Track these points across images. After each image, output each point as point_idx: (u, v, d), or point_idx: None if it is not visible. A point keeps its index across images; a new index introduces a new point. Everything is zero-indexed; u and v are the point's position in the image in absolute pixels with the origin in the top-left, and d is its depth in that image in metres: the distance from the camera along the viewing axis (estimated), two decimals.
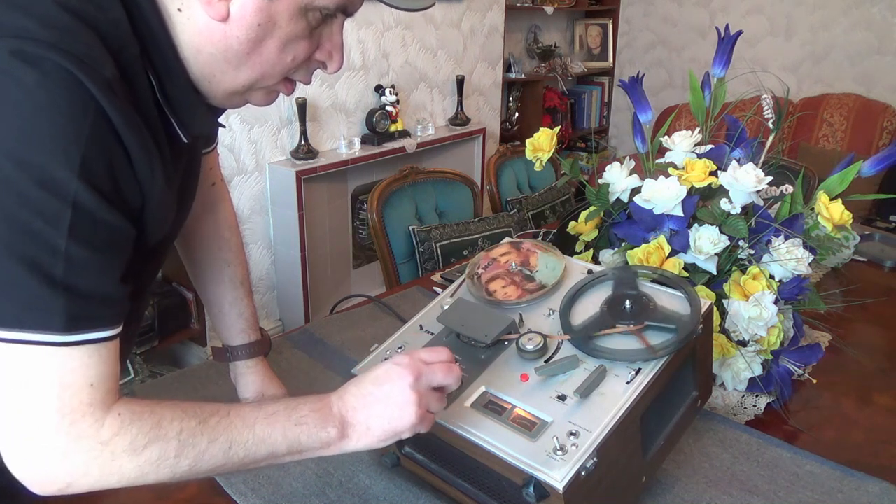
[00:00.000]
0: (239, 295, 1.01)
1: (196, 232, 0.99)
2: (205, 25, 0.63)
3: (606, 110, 4.76)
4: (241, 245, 1.04)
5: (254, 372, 1.02)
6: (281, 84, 0.70)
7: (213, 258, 1.01)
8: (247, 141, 2.60)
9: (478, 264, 0.98)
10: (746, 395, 1.11)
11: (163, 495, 0.89)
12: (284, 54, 0.66)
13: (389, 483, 0.90)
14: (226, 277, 1.01)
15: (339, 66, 0.71)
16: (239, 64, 0.65)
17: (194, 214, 0.96)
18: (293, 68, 0.68)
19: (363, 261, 3.18)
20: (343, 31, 0.71)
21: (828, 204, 1.10)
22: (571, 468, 0.69)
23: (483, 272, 0.97)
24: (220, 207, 1.02)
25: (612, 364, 0.79)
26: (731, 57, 1.26)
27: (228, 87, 0.67)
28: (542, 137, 1.21)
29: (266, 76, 0.67)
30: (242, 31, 0.63)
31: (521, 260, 0.97)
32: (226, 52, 0.64)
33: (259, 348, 1.03)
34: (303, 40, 0.66)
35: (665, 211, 1.09)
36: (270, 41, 0.64)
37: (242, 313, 1.01)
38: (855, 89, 3.71)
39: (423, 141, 3.10)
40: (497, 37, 3.61)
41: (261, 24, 0.63)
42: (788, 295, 1.10)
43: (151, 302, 2.35)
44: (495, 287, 0.93)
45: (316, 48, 0.69)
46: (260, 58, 0.65)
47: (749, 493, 0.90)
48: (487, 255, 0.99)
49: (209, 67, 0.65)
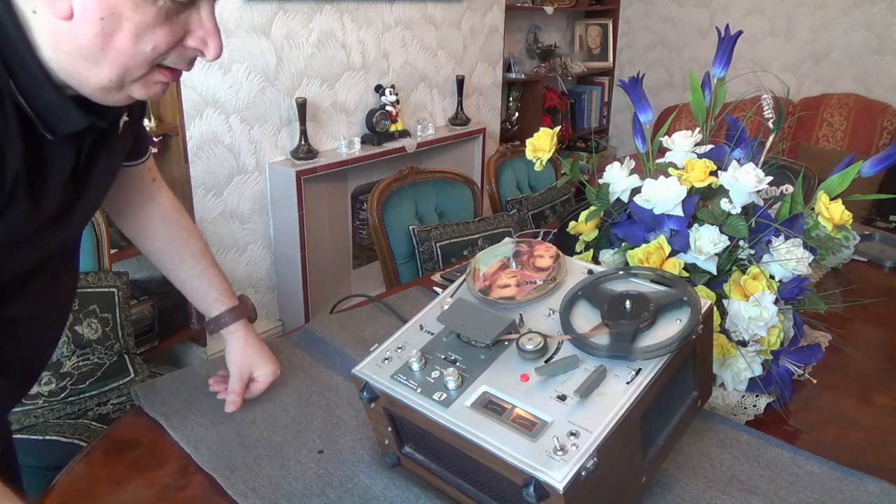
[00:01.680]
0: (202, 266, 1.07)
1: (145, 222, 1.06)
2: (56, 26, 0.63)
3: (606, 110, 4.76)
4: (191, 223, 1.10)
5: (236, 337, 1.08)
6: (156, 72, 0.70)
7: (169, 240, 1.07)
8: (247, 141, 2.60)
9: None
10: (746, 395, 1.11)
11: (163, 495, 0.89)
12: (141, 44, 0.65)
13: (389, 483, 0.90)
14: (187, 254, 1.07)
15: (216, 53, 0.71)
16: (96, 60, 0.65)
17: (138, 205, 1.05)
18: (158, 57, 0.68)
19: (363, 261, 3.18)
20: (214, 15, 0.70)
21: (828, 204, 1.10)
22: (572, 468, 0.69)
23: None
24: (162, 195, 1.08)
25: (612, 364, 0.79)
26: (732, 57, 1.26)
27: (97, 83, 0.67)
28: (542, 137, 1.20)
29: (129, 68, 0.67)
30: (88, 26, 0.63)
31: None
32: (79, 49, 0.64)
33: (239, 312, 1.08)
34: (159, 28, 0.66)
35: (665, 211, 1.09)
36: (121, 33, 0.64)
37: (212, 283, 1.07)
38: (855, 89, 3.72)
39: (423, 141, 3.10)
40: (497, 37, 3.61)
41: (104, 18, 0.63)
42: (788, 295, 1.10)
43: (151, 302, 2.35)
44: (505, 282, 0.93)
45: (183, 35, 0.68)
46: (115, 51, 0.65)
47: (749, 493, 0.90)
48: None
49: (70, 66, 0.66)
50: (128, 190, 1.04)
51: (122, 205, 1.06)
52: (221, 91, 2.46)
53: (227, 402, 1.04)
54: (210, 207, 2.55)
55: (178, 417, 1.03)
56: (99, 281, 1.81)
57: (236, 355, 1.07)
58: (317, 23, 2.71)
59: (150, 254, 1.09)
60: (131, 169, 1.01)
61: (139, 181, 1.04)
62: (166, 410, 1.04)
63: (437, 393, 0.80)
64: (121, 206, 1.06)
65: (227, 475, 0.91)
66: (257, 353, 1.08)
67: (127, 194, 1.04)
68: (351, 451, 0.97)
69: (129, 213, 1.06)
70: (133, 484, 0.91)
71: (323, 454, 0.96)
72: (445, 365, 0.83)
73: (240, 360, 1.07)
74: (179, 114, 2.35)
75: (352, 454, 0.96)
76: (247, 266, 2.74)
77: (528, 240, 1.01)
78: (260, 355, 1.08)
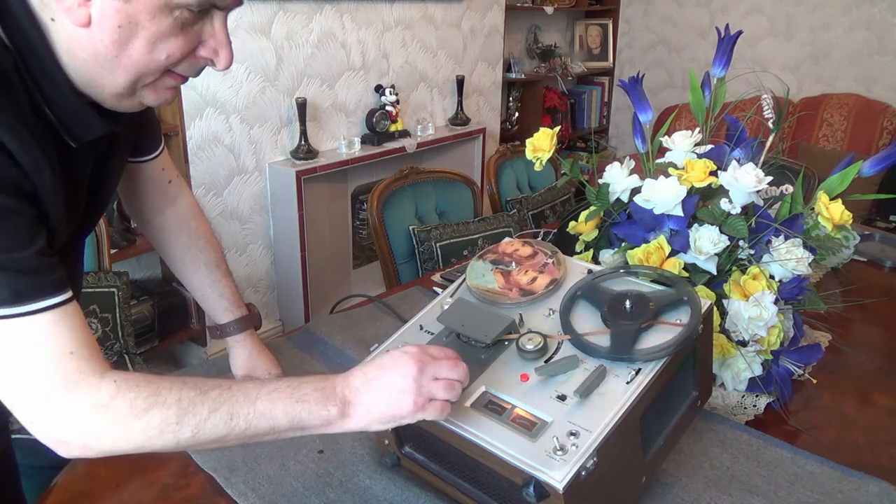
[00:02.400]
0: (216, 277, 1.09)
1: (163, 227, 1.07)
2: (73, 33, 0.64)
3: (606, 110, 4.76)
4: (209, 231, 1.11)
5: (242, 346, 1.10)
6: (167, 78, 0.71)
7: (185, 248, 1.08)
8: (247, 141, 2.60)
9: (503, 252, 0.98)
10: (746, 395, 1.11)
11: (164, 495, 0.89)
12: (155, 53, 0.66)
13: (389, 483, 0.90)
14: (201, 264, 1.08)
15: (226, 63, 0.72)
16: (112, 67, 0.66)
17: (157, 211, 1.06)
18: (171, 65, 0.69)
19: (363, 261, 3.18)
20: (227, 26, 0.71)
21: (828, 204, 1.10)
22: (571, 468, 0.69)
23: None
24: (180, 200, 1.09)
25: (612, 364, 0.79)
26: (731, 57, 1.26)
27: (111, 89, 0.68)
28: (542, 137, 1.20)
29: (143, 75, 0.68)
30: (105, 34, 0.64)
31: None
32: (96, 56, 0.65)
33: (245, 323, 1.10)
34: (173, 38, 0.66)
35: (665, 211, 1.09)
36: (136, 41, 0.65)
37: (223, 293, 1.09)
38: (855, 89, 3.71)
39: (423, 141, 3.10)
40: (497, 37, 3.61)
41: (121, 26, 0.63)
42: (788, 295, 1.10)
43: (151, 302, 2.35)
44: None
45: (196, 45, 0.69)
46: (130, 59, 0.66)
47: (749, 493, 0.90)
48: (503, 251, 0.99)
49: (88, 73, 0.67)
50: (145, 191, 1.04)
51: (141, 208, 1.06)
52: (221, 91, 2.46)
53: None
54: (210, 207, 2.55)
55: None
56: (99, 281, 1.81)
57: (242, 361, 1.10)
58: (317, 23, 2.71)
59: (165, 257, 1.11)
60: (143, 167, 1.01)
61: (155, 182, 1.04)
62: None
63: None
64: (140, 208, 1.06)
65: (227, 475, 0.91)
66: (262, 360, 1.11)
67: (144, 196, 1.05)
68: (351, 451, 0.97)
69: (149, 218, 1.07)
70: (133, 484, 0.91)
71: (323, 454, 0.96)
72: None
73: (245, 366, 1.10)
74: (179, 114, 2.35)
75: (352, 454, 0.96)
76: (247, 266, 2.74)
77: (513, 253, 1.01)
78: (264, 362, 1.11)
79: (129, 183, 1.03)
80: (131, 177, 1.02)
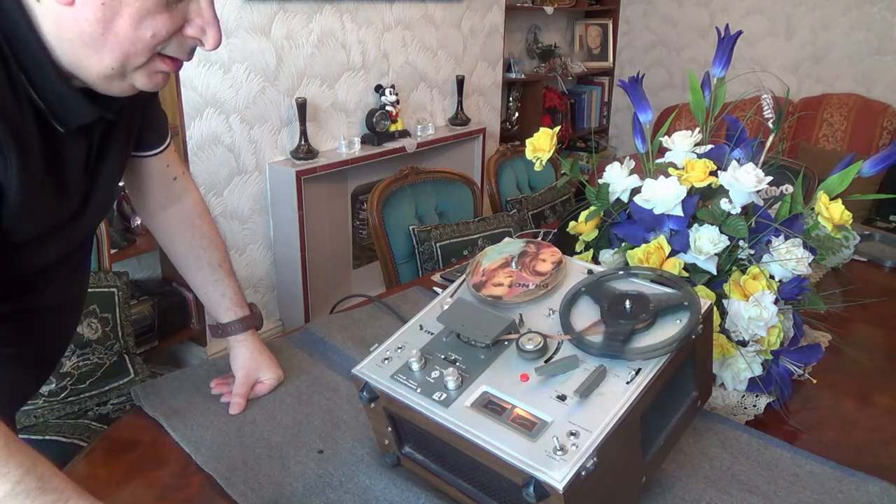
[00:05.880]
0: (219, 277, 1.09)
1: (167, 224, 1.07)
2: (59, 13, 0.64)
3: (606, 110, 4.76)
4: (214, 230, 1.11)
5: (244, 345, 1.10)
6: (158, 62, 0.70)
7: (189, 247, 1.08)
8: (247, 141, 2.60)
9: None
10: (746, 395, 1.11)
11: (164, 495, 0.89)
12: (141, 31, 0.66)
13: (389, 483, 0.90)
14: (204, 263, 1.08)
15: (214, 42, 0.71)
16: (98, 46, 0.65)
17: (161, 207, 1.06)
18: (158, 44, 0.68)
19: (363, 261, 3.18)
20: (213, 5, 0.70)
21: (828, 204, 1.10)
22: (571, 468, 0.69)
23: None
24: (186, 198, 1.08)
25: (612, 364, 0.79)
26: (731, 57, 1.26)
27: (99, 71, 0.68)
28: (542, 137, 1.20)
29: (130, 55, 0.67)
30: (90, 12, 0.63)
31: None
32: (81, 35, 0.65)
33: (247, 323, 1.11)
34: (158, 15, 0.66)
35: (665, 211, 1.09)
36: (121, 19, 0.64)
37: (225, 293, 1.10)
38: (855, 89, 3.71)
39: (423, 141, 3.10)
40: (497, 37, 3.61)
41: (105, 3, 0.63)
42: (788, 295, 1.10)
43: (151, 302, 2.35)
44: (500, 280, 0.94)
45: (183, 24, 0.69)
46: (116, 38, 0.65)
47: (749, 493, 0.90)
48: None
49: (73, 54, 0.66)
50: (149, 187, 1.04)
51: (145, 204, 1.06)
52: (221, 91, 2.46)
53: (232, 404, 1.04)
54: (210, 207, 2.53)
55: (178, 417, 1.03)
56: (99, 281, 1.81)
57: (243, 361, 1.10)
58: (317, 23, 2.71)
59: (169, 254, 1.11)
60: (147, 162, 1.01)
61: (159, 178, 1.04)
62: (166, 410, 1.04)
63: (436, 393, 0.80)
64: (144, 204, 1.07)
65: (227, 475, 0.91)
66: (263, 360, 1.11)
67: (148, 192, 1.05)
68: (351, 451, 0.97)
69: (154, 215, 1.08)
70: (133, 484, 0.91)
71: (323, 454, 0.96)
72: (445, 365, 0.83)
73: (247, 365, 1.09)
74: (179, 114, 2.35)
75: (352, 454, 0.96)
76: (247, 266, 2.74)
77: (538, 242, 1.01)
78: (265, 362, 1.11)
79: (134, 178, 1.02)
80: (136, 171, 1.01)
